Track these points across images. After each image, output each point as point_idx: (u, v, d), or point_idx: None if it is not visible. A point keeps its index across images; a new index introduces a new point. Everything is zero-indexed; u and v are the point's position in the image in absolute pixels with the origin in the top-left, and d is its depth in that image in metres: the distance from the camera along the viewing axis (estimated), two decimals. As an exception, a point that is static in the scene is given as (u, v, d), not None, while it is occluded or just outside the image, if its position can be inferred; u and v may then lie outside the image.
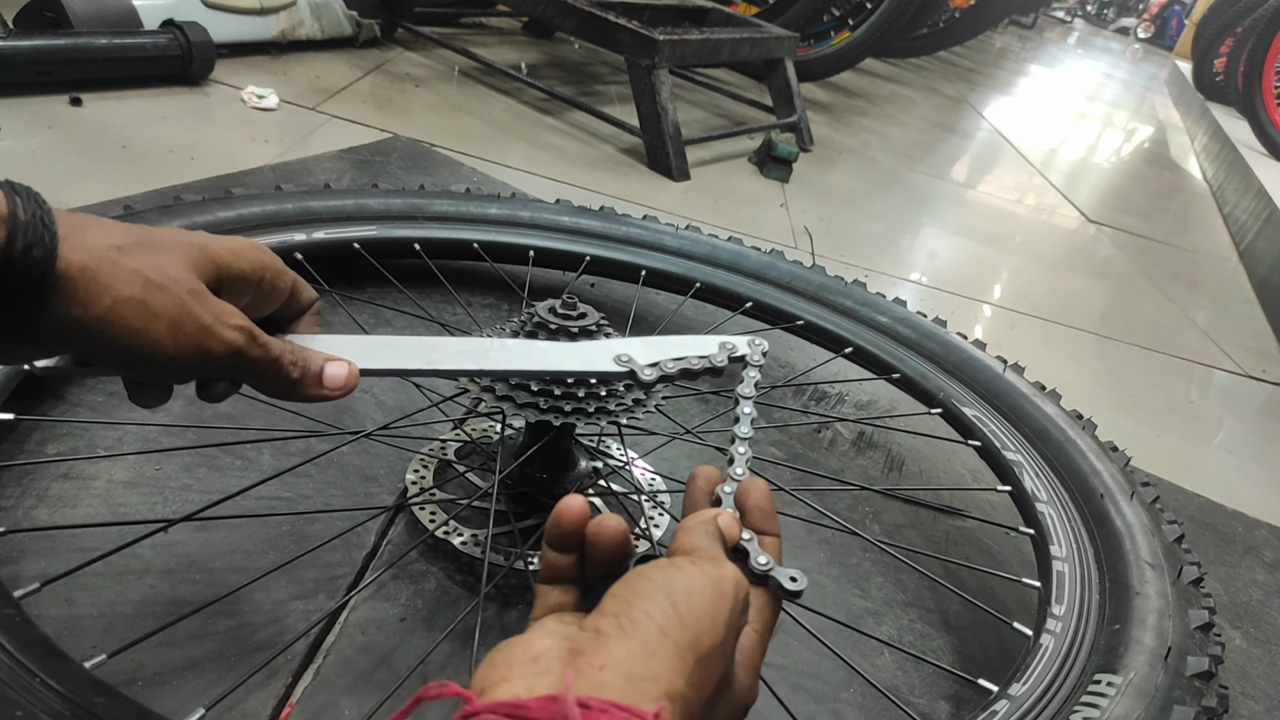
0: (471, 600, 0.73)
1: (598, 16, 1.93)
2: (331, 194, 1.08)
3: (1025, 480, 0.85)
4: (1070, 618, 0.69)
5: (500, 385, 0.68)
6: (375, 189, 1.14)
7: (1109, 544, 0.76)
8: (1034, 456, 0.88)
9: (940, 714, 0.75)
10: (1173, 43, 10.08)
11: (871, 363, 1.05)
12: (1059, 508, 0.82)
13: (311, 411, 0.86)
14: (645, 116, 1.90)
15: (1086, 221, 2.57)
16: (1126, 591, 0.70)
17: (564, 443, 0.78)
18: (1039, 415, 0.93)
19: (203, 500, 0.75)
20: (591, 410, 0.68)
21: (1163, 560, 0.73)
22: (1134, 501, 0.81)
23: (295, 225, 1.01)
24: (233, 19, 1.80)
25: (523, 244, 1.14)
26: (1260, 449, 1.43)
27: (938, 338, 1.05)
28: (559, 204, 1.22)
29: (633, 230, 1.19)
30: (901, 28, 3.08)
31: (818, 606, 0.76)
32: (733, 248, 1.19)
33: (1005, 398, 0.96)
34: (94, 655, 0.53)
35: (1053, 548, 0.76)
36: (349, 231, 1.04)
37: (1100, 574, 0.73)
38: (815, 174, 2.23)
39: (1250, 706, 0.86)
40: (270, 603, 0.68)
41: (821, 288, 1.14)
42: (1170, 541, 0.76)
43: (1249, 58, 3.80)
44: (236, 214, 0.97)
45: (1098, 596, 0.71)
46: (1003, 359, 1.02)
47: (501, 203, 1.18)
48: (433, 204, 1.14)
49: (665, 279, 1.16)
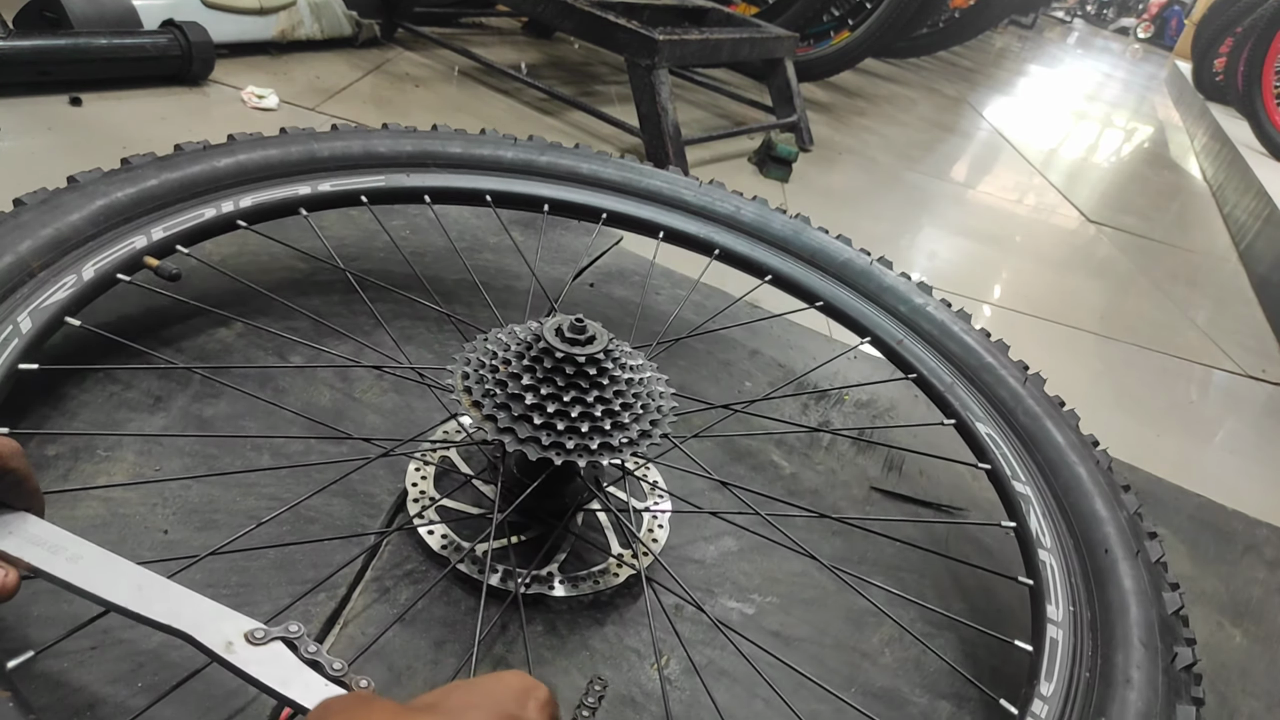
0: (472, 600, 0.73)
1: (598, 16, 1.93)
2: (338, 136, 1.05)
3: (1031, 520, 0.81)
4: (1057, 701, 0.65)
5: (502, 416, 0.67)
6: (384, 129, 1.11)
7: (1106, 614, 0.72)
8: (1043, 490, 0.84)
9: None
10: (1172, 43, 10.07)
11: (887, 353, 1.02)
12: (1061, 558, 0.77)
13: (314, 415, 0.86)
14: (645, 116, 1.90)
15: (1086, 221, 2.57)
16: (1116, 676, 0.66)
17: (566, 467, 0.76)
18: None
19: (203, 500, 0.75)
20: (595, 446, 0.67)
21: (1158, 640, 0.69)
22: (1138, 561, 0.76)
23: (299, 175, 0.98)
24: (233, 19, 1.80)
25: (537, 195, 1.10)
26: (1260, 449, 1.43)
27: (958, 338, 1.00)
28: (578, 149, 1.18)
29: (653, 184, 1.15)
30: (901, 28, 3.08)
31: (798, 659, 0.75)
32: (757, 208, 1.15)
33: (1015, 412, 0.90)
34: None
35: (1050, 608, 0.72)
36: (356, 182, 1.02)
37: (1094, 647, 0.69)
38: (815, 174, 2.23)
39: (1250, 704, 0.86)
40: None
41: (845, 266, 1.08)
42: (1169, 614, 0.72)
43: (1249, 58, 3.80)
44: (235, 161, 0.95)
45: (1087, 675, 0.67)
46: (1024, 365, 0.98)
47: (519, 147, 1.14)
48: (446, 147, 1.10)
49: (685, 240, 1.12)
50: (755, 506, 0.80)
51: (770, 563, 0.86)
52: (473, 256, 1.26)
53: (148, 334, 0.93)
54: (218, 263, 1.03)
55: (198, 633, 0.50)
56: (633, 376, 0.70)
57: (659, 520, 0.85)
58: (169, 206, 0.88)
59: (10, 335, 0.70)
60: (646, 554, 0.79)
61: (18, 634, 0.60)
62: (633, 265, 1.35)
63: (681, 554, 0.84)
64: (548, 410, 0.66)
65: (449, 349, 1.03)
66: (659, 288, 1.32)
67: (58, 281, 0.75)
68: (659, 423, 0.71)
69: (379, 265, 1.16)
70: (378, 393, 0.95)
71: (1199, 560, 1.06)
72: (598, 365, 0.68)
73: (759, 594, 0.82)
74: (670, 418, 0.72)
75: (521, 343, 0.70)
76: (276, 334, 0.91)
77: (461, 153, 1.10)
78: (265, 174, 0.96)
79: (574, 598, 0.75)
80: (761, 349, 1.23)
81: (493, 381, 0.68)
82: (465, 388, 0.69)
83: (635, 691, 0.70)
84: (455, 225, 1.32)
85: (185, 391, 0.86)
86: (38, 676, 0.58)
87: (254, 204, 0.93)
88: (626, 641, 0.74)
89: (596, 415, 0.67)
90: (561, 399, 0.67)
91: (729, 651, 0.75)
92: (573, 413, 0.66)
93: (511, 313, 1.13)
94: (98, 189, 0.84)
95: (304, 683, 0.48)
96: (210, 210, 0.90)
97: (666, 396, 0.74)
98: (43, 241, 0.76)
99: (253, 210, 0.93)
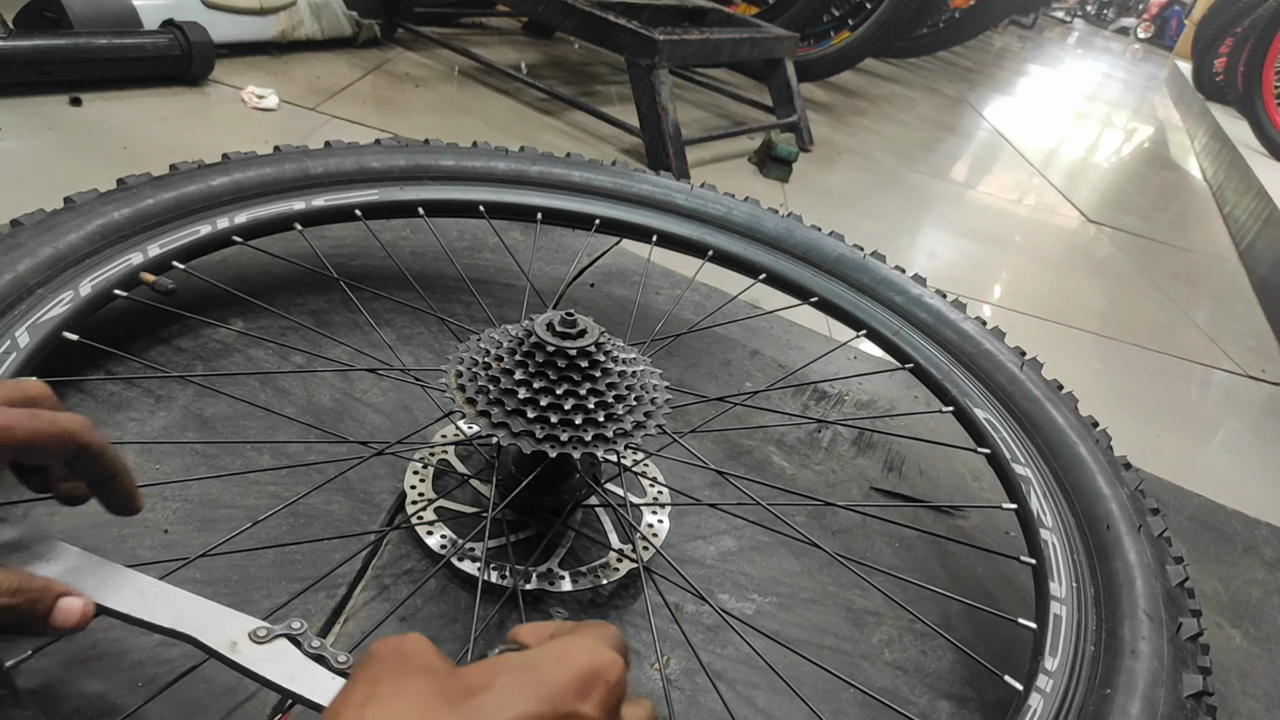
0: (471, 597, 0.73)
1: (598, 16, 1.93)
2: (331, 153, 1.06)
3: (1032, 500, 0.81)
4: (1062, 675, 0.65)
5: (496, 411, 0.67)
6: (377, 145, 1.11)
7: (1110, 587, 0.71)
8: (1043, 470, 0.83)
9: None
10: (1173, 43, 10.07)
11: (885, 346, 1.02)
12: (1063, 536, 0.77)
13: (314, 415, 0.86)
14: (645, 116, 1.90)
15: (1086, 221, 2.57)
16: (1121, 648, 0.66)
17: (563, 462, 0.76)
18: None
19: (204, 502, 0.75)
20: (589, 438, 0.67)
21: (1162, 611, 0.69)
22: (1140, 535, 0.76)
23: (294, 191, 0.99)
24: (233, 19, 1.80)
25: (530, 204, 1.11)
26: (1260, 449, 1.43)
27: (955, 326, 1.01)
28: (569, 158, 1.18)
29: (645, 189, 1.16)
30: (901, 28, 3.08)
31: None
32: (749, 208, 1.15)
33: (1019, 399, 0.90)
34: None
35: (1053, 585, 0.73)
36: (350, 197, 1.02)
37: (1098, 620, 0.69)
38: (815, 174, 2.23)
39: (1250, 705, 0.86)
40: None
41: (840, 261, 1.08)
42: (1174, 586, 0.72)
43: (1249, 58, 3.81)
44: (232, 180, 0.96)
45: (1092, 649, 0.67)
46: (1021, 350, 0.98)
47: (510, 158, 1.14)
48: (438, 160, 1.11)
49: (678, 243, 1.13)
50: (756, 497, 0.80)
51: (770, 562, 0.86)
52: (473, 256, 1.26)
53: (147, 334, 0.93)
54: (215, 268, 1.03)
55: (202, 635, 0.50)
56: (625, 369, 0.71)
57: (658, 515, 0.85)
58: (165, 224, 0.89)
59: (9, 350, 0.71)
60: (647, 548, 0.79)
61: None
62: (632, 265, 1.36)
63: (681, 553, 0.84)
64: (541, 404, 0.67)
65: (448, 349, 1.03)
66: (659, 287, 1.32)
67: (55, 297, 0.76)
68: (653, 414, 0.71)
69: (379, 264, 1.16)
70: (378, 393, 0.95)
71: (1198, 561, 1.06)
72: (589, 358, 0.68)
73: (759, 593, 0.82)
74: (665, 409, 0.73)
75: (514, 340, 0.71)
76: (274, 337, 0.91)
77: (454, 165, 1.11)
78: (260, 191, 0.97)
79: (573, 593, 0.75)
80: (762, 349, 1.23)
81: (485, 379, 0.69)
82: (459, 385, 0.70)
83: (635, 689, 0.70)
84: (455, 225, 1.32)
85: (185, 391, 0.87)
86: (37, 675, 0.58)
87: (249, 220, 0.94)
88: (626, 640, 0.74)
89: (590, 407, 0.67)
90: (554, 392, 0.67)
91: (729, 650, 0.75)
92: (566, 405, 0.67)
93: (512, 311, 1.13)
94: (94, 208, 0.85)
95: (310, 677, 0.49)
96: (206, 227, 0.91)
97: (661, 389, 0.74)
98: (41, 260, 0.78)
99: (248, 226, 0.94)
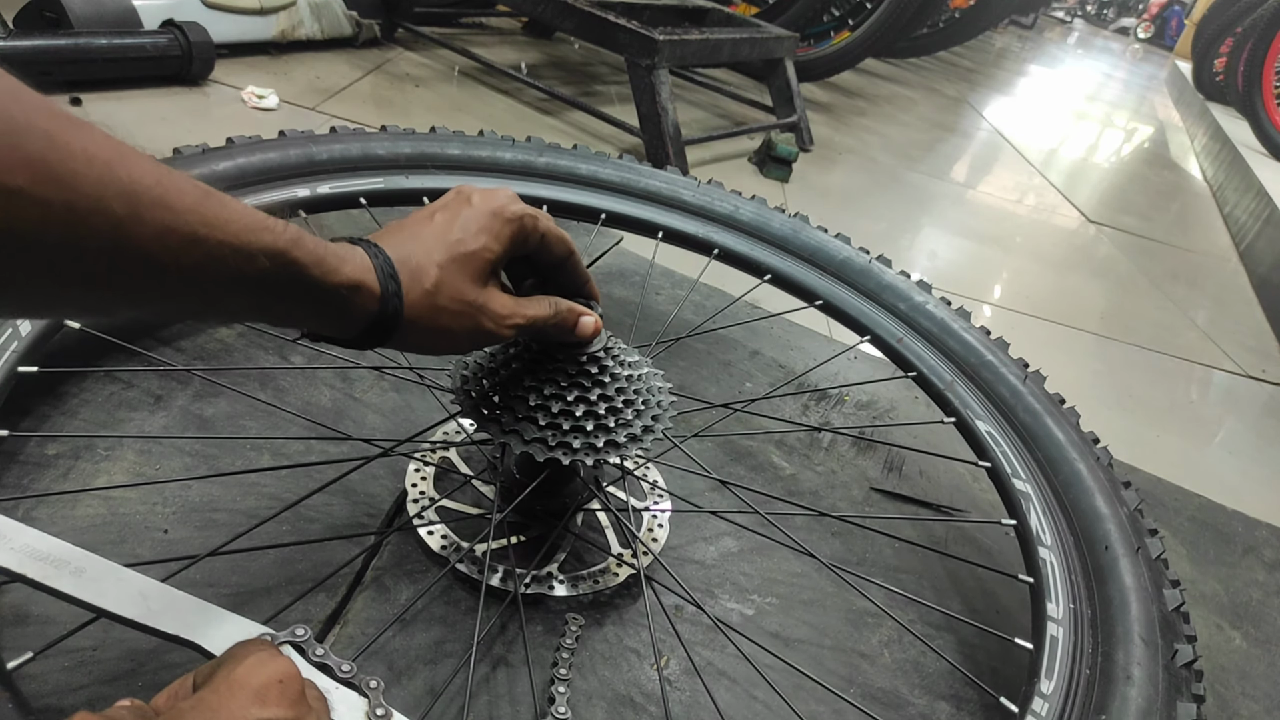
0: (472, 599, 0.73)
1: (598, 16, 1.93)
2: (336, 139, 1.05)
3: (1032, 518, 0.80)
4: (1057, 699, 0.65)
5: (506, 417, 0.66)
6: (383, 131, 1.11)
7: (1107, 610, 0.71)
8: (1043, 487, 0.83)
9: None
10: (1173, 43, 10.06)
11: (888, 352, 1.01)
12: (1062, 555, 0.76)
13: (314, 415, 0.86)
14: (645, 116, 1.90)
15: (1086, 221, 2.57)
16: (1117, 673, 0.66)
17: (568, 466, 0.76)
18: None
19: (204, 502, 0.75)
20: (601, 444, 0.66)
21: (1158, 636, 0.69)
22: (1139, 558, 0.75)
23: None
24: (233, 19, 1.80)
25: (536, 196, 1.10)
26: (1260, 449, 1.43)
27: (956, 334, 1.00)
28: (576, 150, 1.18)
29: (652, 184, 1.16)
30: (901, 28, 3.08)
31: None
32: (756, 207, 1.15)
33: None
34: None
35: (1050, 605, 0.72)
36: (354, 184, 1.02)
37: (1094, 644, 0.69)
38: (815, 174, 2.23)
39: (1250, 706, 0.86)
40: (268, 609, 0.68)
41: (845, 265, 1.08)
42: (1170, 611, 0.72)
43: (1249, 58, 3.80)
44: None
45: (1088, 672, 0.67)
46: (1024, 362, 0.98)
47: (517, 148, 1.14)
48: (444, 149, 1.10)
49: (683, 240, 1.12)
50: (755, 506, 0.80)
51: (770, 564, 0.86)
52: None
53: (147, 334, 0.93)
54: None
55: (206, 641, 0.50)
56: (632, 373, 0.70)
57: (659, 520, 0.85)
58: None
59: (10, 338, 0.71)
60: (646, 553, 0.79)
61: (18, 634, 0.60)
62: (633, 265, 1.35)
63: (681, 554, 0.84)
64: (552, 410, 0.66)
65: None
66: (659, 288, 1.32)
67: None
68: (660, 418, 0.71)
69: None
70: (378, 393, 0.95)
71: (1199, 562, 1.06)
72: (598, 363, 0.67)
73: (759, 595, 0.82)
74: (670, 412, 0.72)
75: (520, 343, 0.70)
76: (276, 334, 0.91)
77: (460, 154, 1.10)
78: (264, 177, 0.96)
79: (573, 597, 0.75)
80: (762, 350, 1.23)
81: (492, 383, 0.68)
82: (465, 390, 0.68)
83: (634, 692, 0.70)
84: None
85: (185, 391, 0.87)
86: (37, 677, 0.58)
87: (252, 206, 0.93)
88: (626, 642, 0.74)
89: (600, 413, 0.67)
90: (565, 398, 0.66)
91: (729, 652, 0.75)
92: (577, 411, 0.66)
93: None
94: None
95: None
96: None
97: (665, 393, 0.74)
98: None
99: None
